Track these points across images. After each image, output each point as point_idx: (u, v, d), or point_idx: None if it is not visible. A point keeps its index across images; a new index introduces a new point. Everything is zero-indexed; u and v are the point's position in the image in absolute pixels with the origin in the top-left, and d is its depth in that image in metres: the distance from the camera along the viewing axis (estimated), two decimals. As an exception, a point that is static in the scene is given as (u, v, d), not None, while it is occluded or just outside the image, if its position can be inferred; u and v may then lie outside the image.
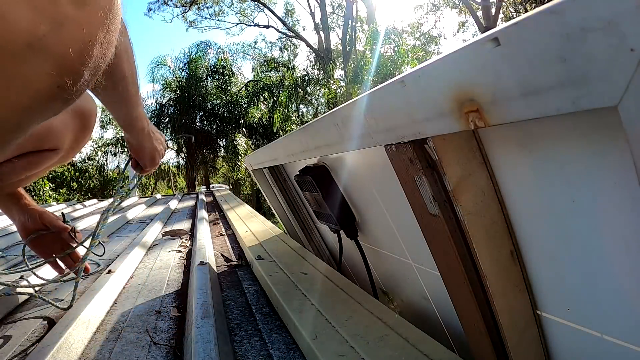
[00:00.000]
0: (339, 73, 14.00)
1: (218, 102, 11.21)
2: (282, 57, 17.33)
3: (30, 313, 0.89)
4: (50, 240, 0.88)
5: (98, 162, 11.99)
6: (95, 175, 11.73)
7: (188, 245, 1.66)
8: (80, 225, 2.33)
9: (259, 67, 13.88)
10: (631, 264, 0.38)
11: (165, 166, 12.71)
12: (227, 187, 10.44)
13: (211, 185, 11.53)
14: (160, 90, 11.49)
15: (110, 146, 11.86)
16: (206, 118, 11.20)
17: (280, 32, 17.58)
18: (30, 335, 0.77)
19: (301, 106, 12.06)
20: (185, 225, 2.30)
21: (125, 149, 4.97)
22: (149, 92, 11.90)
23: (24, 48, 0.31)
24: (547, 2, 0.25)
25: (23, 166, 0.72)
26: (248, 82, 12.00)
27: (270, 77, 12.50)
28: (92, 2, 0.34)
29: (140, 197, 5.08)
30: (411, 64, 9.35)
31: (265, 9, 16.85)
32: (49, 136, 0.71)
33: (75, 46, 0.34)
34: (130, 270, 1.21)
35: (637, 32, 0.20)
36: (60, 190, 10.13)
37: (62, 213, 0.93)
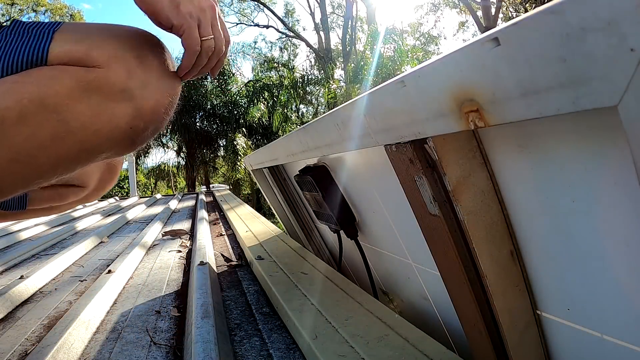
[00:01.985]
0: (339, 73, 14.02)
1: (218, 102, 11.20)
2: (282, 57, 17.34)
3: (30, 313, 0.89)
4: None
5: (98, 162, 11.95)
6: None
7: (188, 245, 1.66)
8: (80, 225, 2.33)
9: (258, 67, 13.85)
10: (631, 264, 0.38)
11: (165, 166, 12.70)
12: (227, 187, 10.42)
13: (211, 186, 11.51)
14: (160, 90, 11.45)
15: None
16: (206, 118, 11.17)
17: (280, 32, 17.60)
18: (30, 335, 0.77)
19: (301, 106, 12.06)
20: (185, 225, 2.30)
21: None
22: (149, 92, 11.84)
23: (118, 92, 0.44)
24: (547, 2, 0.25)
25: (50, 196, 0.76)
26: (248, 82, 11.98)
27: (270, 77, 12.47)
28: (168, 78, 0.48)
29: (140, 197, 5.09)
30: (411, 64, 9.35)
31: (265, 9, 16.88)
32: (79, 172, 0.74)
33: (150, 102, 0.47)
34: (130, 270, 1.21)
35: (637, 32, 0.20)
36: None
37: None
